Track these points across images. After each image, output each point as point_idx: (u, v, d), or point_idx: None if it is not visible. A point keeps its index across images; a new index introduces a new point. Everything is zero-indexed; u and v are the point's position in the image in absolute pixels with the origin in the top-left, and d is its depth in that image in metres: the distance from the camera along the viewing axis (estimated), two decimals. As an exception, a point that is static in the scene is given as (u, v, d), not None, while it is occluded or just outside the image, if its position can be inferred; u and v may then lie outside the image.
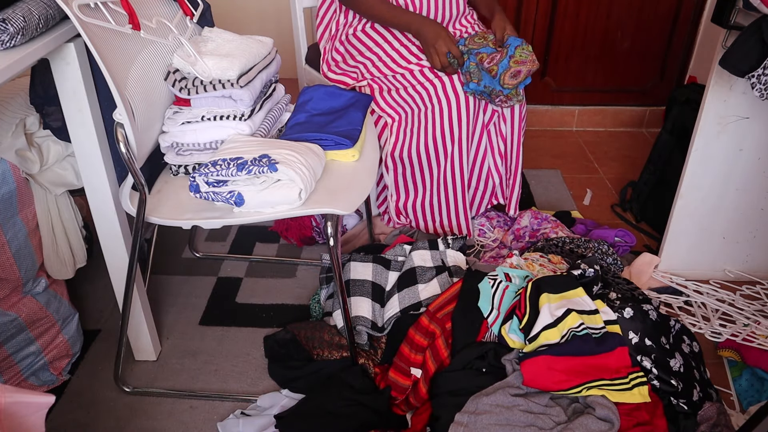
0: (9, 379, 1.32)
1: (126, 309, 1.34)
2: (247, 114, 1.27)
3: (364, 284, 1.52)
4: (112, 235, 1.31)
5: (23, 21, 0.97)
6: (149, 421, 1.35)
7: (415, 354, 1.34)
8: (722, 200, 1.65)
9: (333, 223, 1.20)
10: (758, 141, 1.56)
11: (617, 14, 2.44)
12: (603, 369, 1.21)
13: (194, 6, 1.41)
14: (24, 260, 1.31)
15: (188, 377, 1.46)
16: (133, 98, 1.13)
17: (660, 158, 1.97)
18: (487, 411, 1.16)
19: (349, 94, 1.48)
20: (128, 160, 1.13)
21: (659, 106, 2.62)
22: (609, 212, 2.10)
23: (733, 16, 1.36)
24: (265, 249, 1.91)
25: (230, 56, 1.26)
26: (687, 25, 2.46)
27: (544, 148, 2.51)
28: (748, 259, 1.75)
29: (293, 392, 1.38)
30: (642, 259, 1.77)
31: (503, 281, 1.41)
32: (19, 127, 1.30)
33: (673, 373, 1.26)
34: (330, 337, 1.45)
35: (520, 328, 1.28)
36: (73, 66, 1.11)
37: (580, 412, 1.18)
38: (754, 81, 1.31)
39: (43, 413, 0.77)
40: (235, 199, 1.15)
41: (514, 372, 1.22)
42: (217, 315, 1.65)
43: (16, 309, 1.31)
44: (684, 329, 1.37)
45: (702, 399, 1.27)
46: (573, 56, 2.54)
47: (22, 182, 1.28)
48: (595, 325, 1.27)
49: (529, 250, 1.73)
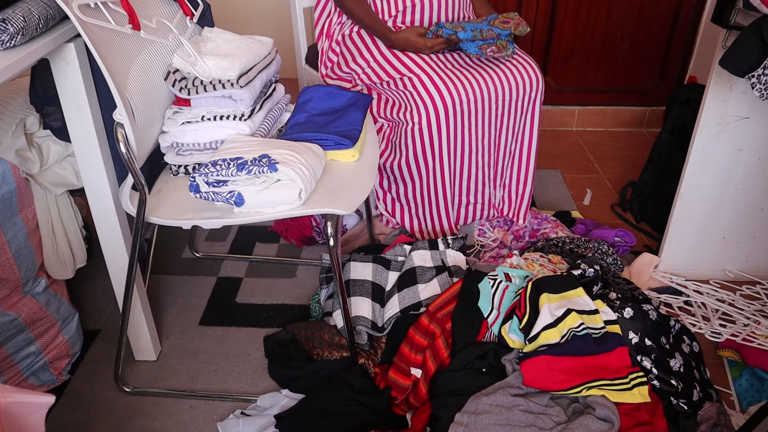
0: (9, 379, 1.32)
1: (126, 309, 1.34)
2: (247, 114, 1.27)
3: (364, 284, 1.52)
4: (112, 235, 1.31)
5: (23, 21, 0.97)
6: (149, 421, 1.35)
7: (415, 354, 1.34)
8: (722, 200, 1.65)
9: (333, 223, 1.20)
10: (758, 141, 1.56)
11: (617, 14, 2.44)
12: (603, 369, 1.21)
13: (194, 6, 1.41)
14: (24, 260, 1.31)
15: (188, 377, 1.46)
16: (133, 98, 1.13)
17: (660, 158, 1.97)
18: (487, 411, 1.16)
19: (349, 94, 1.48)
20: (128, 160, 1.13)
21: (659, 106, 2.62)
22: (609, 212, 2.10)
23: (733, 16, 1.36)
24: (265, 249, 1.91)
25: (230, 56, 1.26)
26: (687, 25, 2.46)
27: (544, 148, 2.51)
28: (748, 259, 1.75)
29: (293, 392, 1.38)
30: (642, 259, 1.77)
31: (503, 281, 1.41)
32: (19, 127, 1.30)
33: (673, 373, 1.26)
34: (330, 337, 1.45)
35: (520, 328, 1.28)
36: (73, 66, 1.11)
37: (580, 412, 1.18)
38: (754, 81, 1.31)
39: (43, 413, 0.77)
40: (235, 199, 1.15)
41: (514, 372, 1.22)
42: (217, 315, 1.65)
43: (16, 309, 1.31)
44: (684, 329, 1.37)
45: (702, 399, 1.27)
46: (573, 56, 2.54)
47: (22, 182, 1.28)
48: (595, 325, 1.27)
49: (529, 250, 1.73)
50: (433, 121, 1.58)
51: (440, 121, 1.58)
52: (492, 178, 1.81)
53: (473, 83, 1.60)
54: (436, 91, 1.56)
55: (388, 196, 1.80)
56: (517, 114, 1.71)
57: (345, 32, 1.72)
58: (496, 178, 1.83)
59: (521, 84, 1.66)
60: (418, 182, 1.70)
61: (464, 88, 1.58)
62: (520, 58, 1.69)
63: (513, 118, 1.71)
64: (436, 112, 1.57)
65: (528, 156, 1.80)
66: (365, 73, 1.66)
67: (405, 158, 1.65)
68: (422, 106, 1.57)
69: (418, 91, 1.57)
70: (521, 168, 1.83)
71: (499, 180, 1.84)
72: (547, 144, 2.56)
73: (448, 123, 1.59)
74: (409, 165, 1.66)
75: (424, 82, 1.57)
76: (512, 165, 1.83)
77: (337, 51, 1.74)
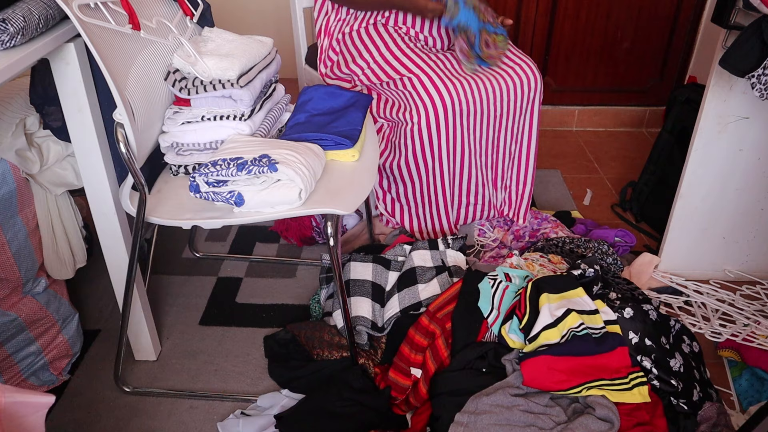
0: (9, 379, 1.32)
1: (126, 309, 1.34)
2: (247, 114, 1.27)
3: (364, 284, 1.52)
4: (112, 235, 1.31)
5: (23, 21, 0.97)
6: (149, 421, 1.35)
7: (415, 354, 1.34)
8: (722, 200, 1.65)
9: (333, 223, 1.20)
10: (758, 141, 1.56)
11: (617, 14, 2.44)
12: (603, 369, 1.21)
13: (194, 6, 1.41)
14: (24, 260, 1.31)
15: (188, 377, 1.46)
16: (133, 98, 1.13)
17: (660, 158, 1.97)
18: (488, 411, 1.16)
19: (349, 94, 1.48)
20: (128, 160, 1.13)
21: (659, 106, 2.62)
22: (609, 212, 2.10)
23: (733, 16, 1.36)
24: (265, 249, 1.91)
25: (230, 56, 1.26)
26: (687, 25, 2.46)
27: (544, 148, 2.51)
28: (748, 259, 1.75)
29: (293, 392, 1.38)
30: (642, 259, 1.77)
31: (503, 281, 1.41)
32: (19, 127, 1.30)
33: (673, 373, 1.26)
34: (330, 337, 1.45)
35: (520, 328, 1.28)
36: (73, 66, 1.11)
37: (580, 412, 1.18)
38: (754, 81, 1.31)
39: (43, 413, 0.77)
40: (235, 199, 1.15)
41: (514, 372, 1.22)
42: (217, 315, 1.65)
43: (16, 309, 1.31)
44: (684, 329, 1.37)
45: (702, 399, 1.27)
46: (573, 56, 2.54)
47: (22, 182, 1.28)
48: (595, 325, 1.27)
49: (529, 250, 1.73)
50: (432, 122, 1.58)
51: (439, 122, 1.58)
52: (492, 178, 1.81)
53: (472, 84, 1.60)
54: (435, 92, 1.56)
55: (388, 196, 1.80)
56: (516, 114, 1.71)
57: (345, 30, 1.72)
58: (497, 179, 1.83)
59: (520, 84, 1.66)
60: (417, 182, 1.70)
61: (463, 89, 1.58)
62: (518, 58, 1.69)
63: (512, 118, 1.71)
64: (436, 113, 1.57)
65: (528, 156, 1.80)
66: (365, 74, 1.66)
67: (405, 158, 1.65)
68: (422, 107, 1.57)
69: (418, 92, 1.57)
70: (521, 168, 1.83)
71: (499, 181, 1.83)
72: (547, 144, 2.56)
73: (447, 124, 1.59)
74: (408, 165, 1.66)
75: (424, 83, 1.57)
76: (512, 165, 1.82)
77: (337, 50, 1.74)
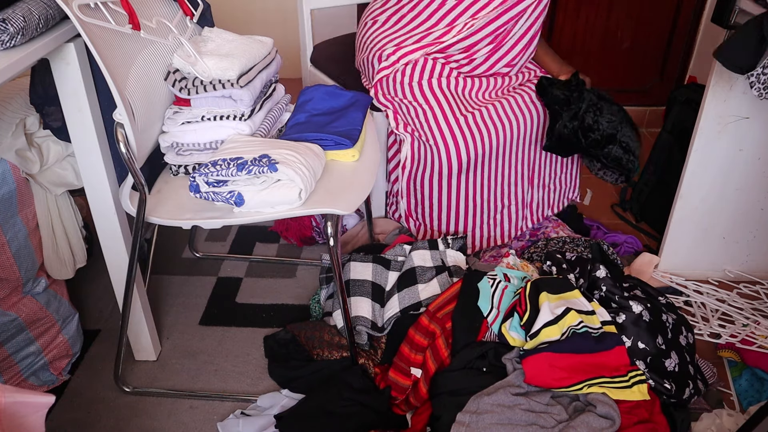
0: (9, 379, 1.32)
1: (126, 309, 1.34)
2: (247, 114, 1.27)
3: (364, 284, 1.52)
4: (112, 235, 1.31)
5: (23, 21, 0.97)
6: (149, 421, 1.35)
7: (415, 354, 1.34)
8: (722, 200, 1.65)
9: (333, 223, 1.20)
10: (758, 141, 1.56)
11: (617, 14, 2.44)
12: (603, 367, 1.21)
13: (194, 6, 1.41)
14: (24, 260, 1.31)
15: (188, 377, 1.46)
16: (133, 98, 1.13)
17: (660, 158, 1.97)
18: (489, 410, 1.16)
19: (349, 94, 1.48)
20: (128, 160, 1.13)
21: (659, 106, 2.61)
22: (609, 212, 2.10)
23: (733, 16, 1.36)
24: (265, 249, 1.91)
25: (230, 56, 1.26)
26: (687, 25, 2.46)
27: (544, 148, 2.51)
28: (748, 259, 1.75)
29: (293, 392, 1.38)
30: (642, 259, 1.77)
31: (502, 281, 1.41)
32: (19, 127, 1.30)
33: (667, 374, 1.26)
34: (330, 337, 1.45)
35: (521, 325, 1.29)
36: (73, 66, 1.11)
37: (581, 410, 1.18)
38: (753, 80, 1.31)
39: (43, 413, 0.77)
40: (235, 199, 1.15)
41: (515, 371, 1.22)
42: (217, 315, 1.65)
43: (16, 309, 1.31)
44: (681, 320, 1.37)
45: (692, 395, 1.28)
46: (573, 56, 2.54)
47: (22, 182, 1.28)
48: (593, 325, 1.27)
49: (529, 250, 1.73)
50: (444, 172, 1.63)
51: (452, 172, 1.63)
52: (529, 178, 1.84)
53: (483, 132, 1.62)
54: (453, 143, 1.60)
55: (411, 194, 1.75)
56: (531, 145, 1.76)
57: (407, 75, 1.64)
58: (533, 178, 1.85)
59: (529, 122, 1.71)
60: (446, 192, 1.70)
61: (474, 139, 1.61)
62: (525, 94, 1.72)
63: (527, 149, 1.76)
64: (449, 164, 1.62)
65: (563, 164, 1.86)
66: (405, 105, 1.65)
67: (429, 172, 1.66)
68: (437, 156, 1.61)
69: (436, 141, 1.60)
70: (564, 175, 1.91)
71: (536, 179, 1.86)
72: (547, 144, 2.56)
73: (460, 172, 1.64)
74: (431, 178, 1.67)
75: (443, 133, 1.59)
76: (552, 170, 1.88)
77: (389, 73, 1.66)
